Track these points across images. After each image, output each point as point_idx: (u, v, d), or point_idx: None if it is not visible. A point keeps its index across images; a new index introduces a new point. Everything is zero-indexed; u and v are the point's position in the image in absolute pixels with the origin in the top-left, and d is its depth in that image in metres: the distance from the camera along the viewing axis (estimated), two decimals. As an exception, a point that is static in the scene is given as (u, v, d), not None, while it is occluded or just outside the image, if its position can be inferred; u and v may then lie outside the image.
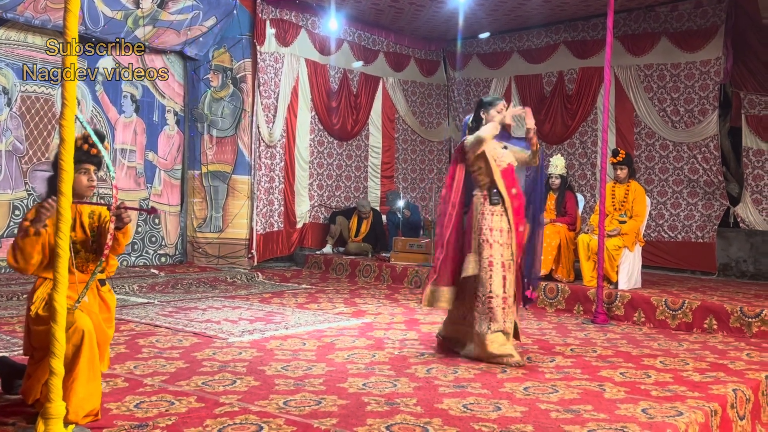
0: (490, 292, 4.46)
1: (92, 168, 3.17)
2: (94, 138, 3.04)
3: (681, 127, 9.29)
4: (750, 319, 5.74)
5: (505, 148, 4.68)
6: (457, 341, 4.75)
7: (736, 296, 6.61)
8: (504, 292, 4.48)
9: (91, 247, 3.22)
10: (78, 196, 3.11)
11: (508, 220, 4.55)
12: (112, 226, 3.00)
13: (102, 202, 3.23)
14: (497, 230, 4.53)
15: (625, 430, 3.11)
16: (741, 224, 8.84)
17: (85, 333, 2.93)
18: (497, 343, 4.41)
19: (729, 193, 9.01)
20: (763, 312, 5.70)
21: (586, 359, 4.63)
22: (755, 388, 4.06)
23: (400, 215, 9.90)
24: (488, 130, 4.51)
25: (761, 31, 8.50)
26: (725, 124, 9.15)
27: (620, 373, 4.23)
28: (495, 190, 4.56)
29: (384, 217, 10.43)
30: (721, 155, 9.04)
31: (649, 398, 3.65)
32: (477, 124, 4.69)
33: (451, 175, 4.71)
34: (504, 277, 4.49)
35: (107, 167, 3.09)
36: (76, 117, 2.64)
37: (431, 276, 4.69)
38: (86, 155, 3.10)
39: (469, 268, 4.52)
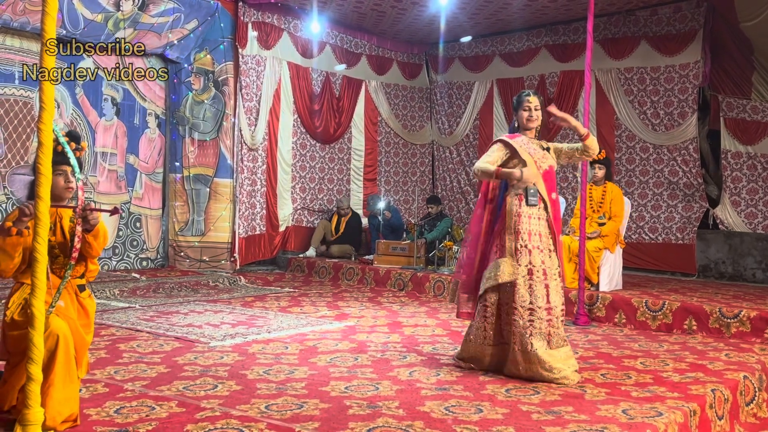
0: (531, 303, 4.09)
1: (69, 169, 3.13)
2: (61, 139, 3.01)
3: (661, 129, 9.38)
4: (729, 320, 5.80)
5: (547, 149, 4.39)
6: (479, 360, 4.30)
7: (715, 297, 6.68)
8: (548, 302, 4.10)
9: (70, 251, 3.19)
10: (56, 199, 3.08)
11: (549, 225, 4.23)
12: (79, 228, 2.98)
13: (70, 204, 3.20)
14: (536, 234, 4.17)
15: (605, 430, 3.13)
16: (720, 226, 8.94)
17: (59, 337, 2.90)
18: (552, 360, 4.04)
19: (708, 195, 9.11)
20: (742, 313, 5.76)
21: (568, 361, 4.65)
22: (734, 389, 4.10)
23: (380, 217, 9.90)
24: (486, 168, 4.19)
25: (739, 36, 8.60)
26: (704, 127, 9.25)
27: (601, 375, 4.26)
28: (533, 191, 4.19)
29: (365, 221, 10.45)
30: (701, 158, 9.14)
31: (630, 399, 3.68)
32: (517, 126, 4.42)
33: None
34: (546, 286, 4.12)
35: (73, 168, 3.07)
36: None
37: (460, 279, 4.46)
38: (62, 157, 3.07)
39: (505, 273, 4.13)
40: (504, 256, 4.17)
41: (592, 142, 4.43)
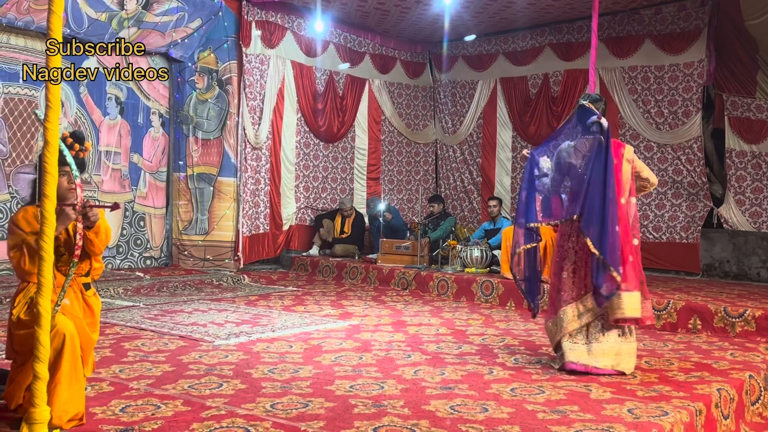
0: None
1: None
2: (62, 147, 3.00)
3: (665, 128, 9.36)
4: (733, 319, 5.79)
5: None
6: None
7: (720, 296, 6.67)
8: None
9: (74, 248, 3.20)
10: (60, 199, 3.08)
11: None
12: (80, 225, 2.99)
13: (72, 203, 3.20)
14: None
15: (611, 430, 3.12)
16: (724, 225, 8.92)
17: (66, 336, 2.91)
18: None
19: (712, 194, 9.09)
20: (746, 312, 5.75)
21: (572, 360, 4.64)
22: (739, 388, 4.09)
23: (381, 219, 9.89)
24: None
25: (743, 34, 8.58)
26: (708, 126, 9.23)
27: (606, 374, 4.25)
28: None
29: (366, 220, 10.45)
30: (705, 157, 9.12)
31: (635, 398, 3.68)
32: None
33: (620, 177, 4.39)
34: None
35: (71, 168, 3.07)
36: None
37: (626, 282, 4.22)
38: (64, 157, 3.07)
39: None
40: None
41: None
